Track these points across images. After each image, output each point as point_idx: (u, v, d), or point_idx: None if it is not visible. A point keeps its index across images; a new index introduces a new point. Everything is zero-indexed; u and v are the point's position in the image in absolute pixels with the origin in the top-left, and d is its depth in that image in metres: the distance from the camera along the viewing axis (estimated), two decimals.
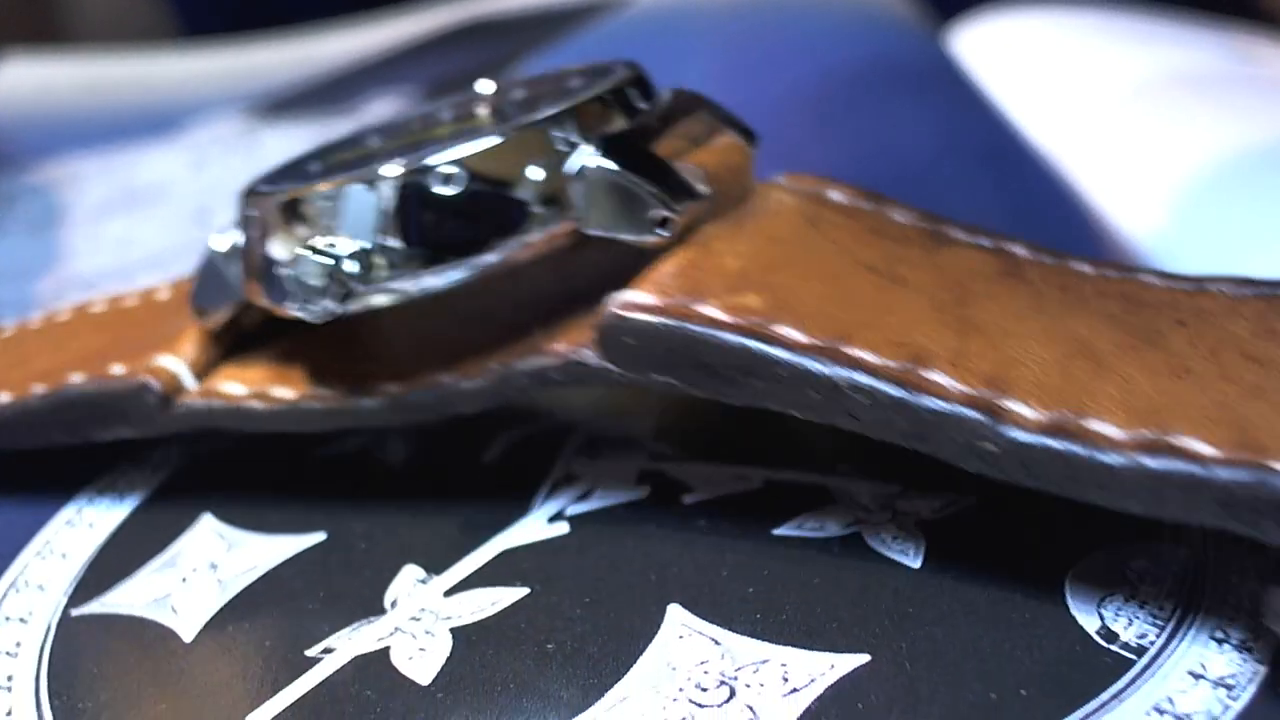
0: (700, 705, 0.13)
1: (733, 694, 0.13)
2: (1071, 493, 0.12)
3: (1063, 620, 0.14)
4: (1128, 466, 0.12)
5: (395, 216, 0.14)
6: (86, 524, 0.18)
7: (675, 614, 0.14)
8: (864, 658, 0.13)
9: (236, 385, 0.17)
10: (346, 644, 0.15)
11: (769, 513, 0.16)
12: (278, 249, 0.15)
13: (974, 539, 0.15)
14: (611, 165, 0.14)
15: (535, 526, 0.16)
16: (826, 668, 0.13)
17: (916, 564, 0.15)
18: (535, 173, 0.14)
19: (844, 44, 0.37)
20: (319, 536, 0.17)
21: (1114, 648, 0.13)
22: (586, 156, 0.14)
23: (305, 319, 0.15)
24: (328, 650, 0.14)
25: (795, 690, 0.13)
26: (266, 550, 0.17)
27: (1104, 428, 0.12)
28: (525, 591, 0.15)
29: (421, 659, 0.14)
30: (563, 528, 0.16)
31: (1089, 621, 0.13)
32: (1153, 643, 0.13)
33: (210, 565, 0.16)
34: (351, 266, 0.14)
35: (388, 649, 0.14)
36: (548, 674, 0.14)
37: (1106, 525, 0.15)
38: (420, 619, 0.15)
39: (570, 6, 0.44)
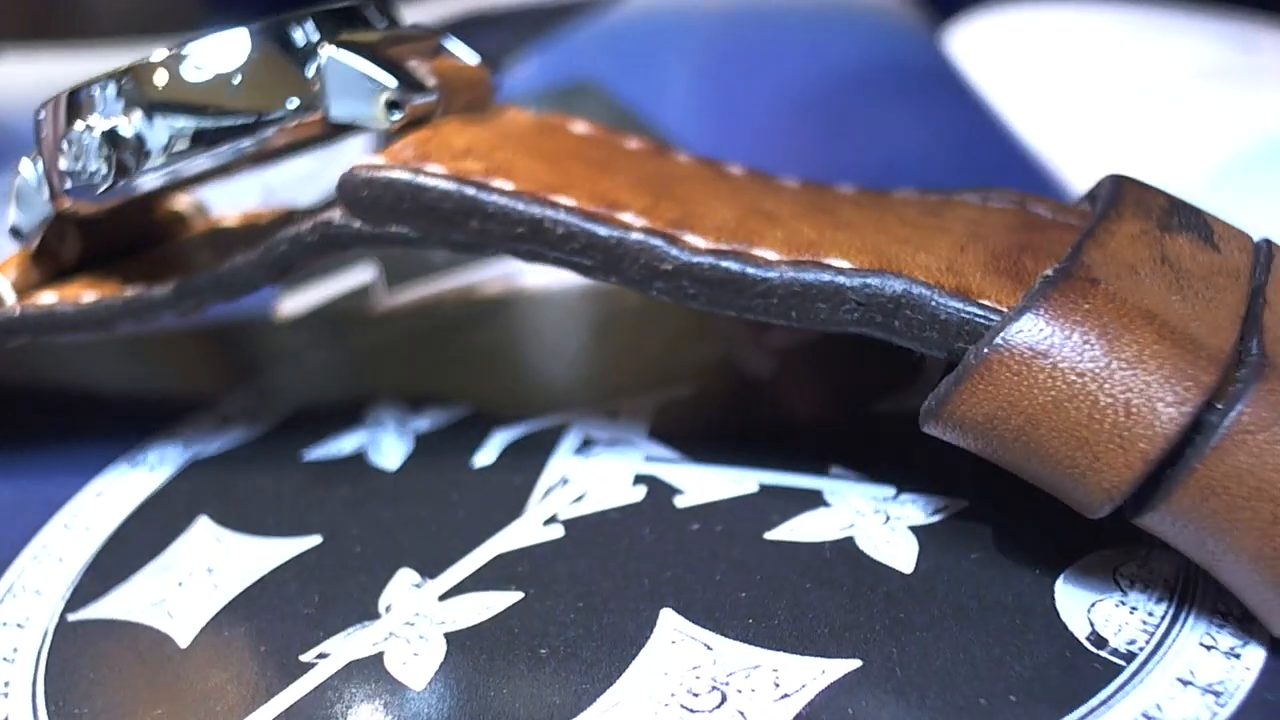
0: (692, 710, 0.13)
1: (724, 699, 0.13)
2: (739, 307, 0.15)
3: (1053, 626, 0.14)
4: (782, 279, 0.15)
5: (159, 103, 0.16)
6: (83, 527, 0.18)
7: (668, 619, 0.14)
8: (855, 663, 0.13)
9: (50, 295, 0.19)
10: (341, 649, 0.15)
11: (762, 517, 0.16)
12: (63, 144, 0.17)
13: (966, 545, 0.15)
14: (348, 57, 0.17)
15: (529, 529, 0.16)
16: (818, 673, 0.13)
17: (909, 569, 0.15)
18: (282, 66, 0.17)
19: (842, 44, 0.37)
20: (314, 540, 0.17)
21: (1103, 654, 0.13)
22: (327, 50, 0.17)
23: (87, 203, 0.17)
24: (322, 655, 0.15)
25: (786, 696, 0.13)
26: (262, 554, 0.17)
27: (765, 253, 0.15)
28: (519, 596, 0.15)
29: (416, 664, 0.14)
30: (557, 531, 0.16)
31: (1079, 627, 0.14)
32: (1142, 649, 0.13)
33: (206, 569, 0.17)
34: (128, 141, 0.17)
35: (382, 654, 0.14)
36: (541, 679, 0.14)
37: (1097, 533, 0.15)
38: (415, 624, 0.15)
39: (567, 2, 0.44)
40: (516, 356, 0.21)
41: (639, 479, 0.17)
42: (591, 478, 0.17)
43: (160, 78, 0.16)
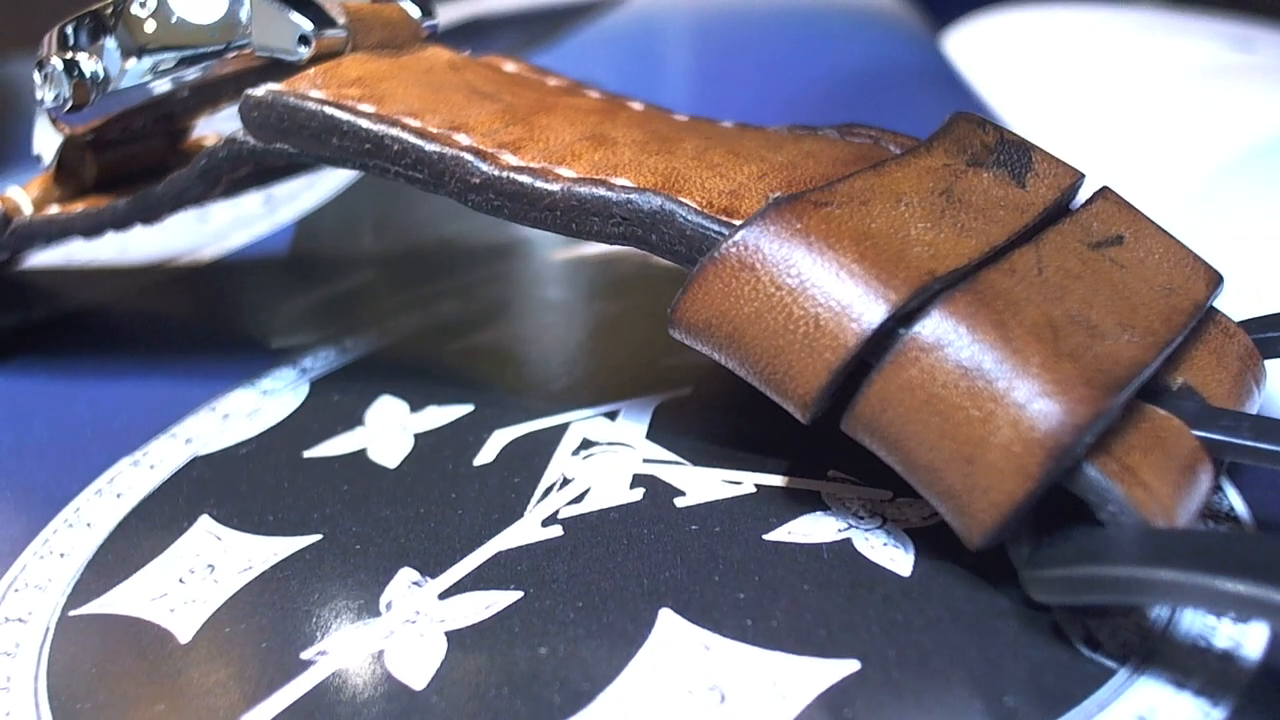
0: (690, 710, 0.13)
1: (723, 699, 0.13)
2: (533, 219, 0.17)
3: (1048, 628, 0.14)
4: (563, 193, 0.16)
5: (117, 37, 0.20)
6: (85, 524, 0.18)
7: (667, 619, 0.14)
8: (853, 664, 0.13)
9: (55, 208, 0.22)
10: (341, 646, 0.15)
11: (760, 518, 0.16)
12: (40, 74, 0.20)
13: (962, 547, 0.15)
14: None
15: (529, 529, 0.16)
16: (815, 674, 0.13)
17: (906, 571, 0.15)
18: (220, 7, 0.19)
19: (842, 45, 0.37)
20: (315, 538, 0.17)
21: (1098, 656, 0.13)
22: None
23: (71, 124, 0.21)
24: (323, 652, 0.15)
25: (784, 696, 0.13)
26: (263, 551, 0.17)
27: (563, 170, 0.17)
28: (519, 595, 0.15)
29: (416, 662, 0.14)
30: (556, 531, 0.16)
31: (1074, 630, 0.14)
32: (1136, 652, 0.13)
33: (207, 566, 0.17)
34: (88, 71, 0.20)
35: (382, 652, 0.14)
36: (541, 678, 0.14)
37: None
38: (415, 622, 0.15)
39: (570, 4, 0.44)
40: (516, 357, 0.21)
41: (638, 480, 0.17)
42: (591, 478, 0.17)
43: (123, 17, 0.20)
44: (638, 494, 0.17)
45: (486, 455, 0.18)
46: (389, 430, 0.19)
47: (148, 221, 0.21)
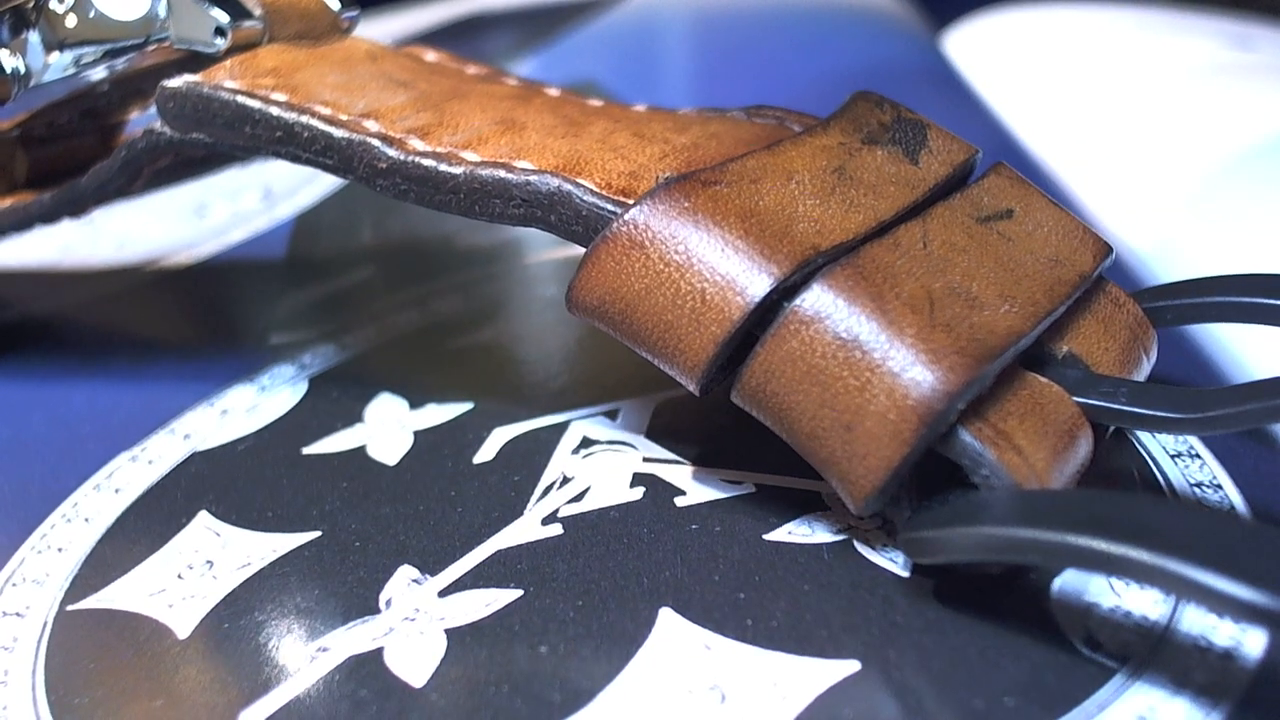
0: (690, 710, 0.13)
1: (723, 699, 0.13)
2: (438, 202, 0.17)
3: (1048, 629, 0.14)
4: (466, 176, 0.17)
5: (39, 32, 0.20)
6: (83, 518, 0.18)
7: (667, 618, 0.14)
8: (853, 665, 0.13)
9: None
10: (341, 643, 0.15)
11: (761, 518, 0.16)
12: None
13: None
14: None
15: (529, 527, 0.16)
16: (816, 674, 0.13)
17: (906, 572, 0.15)
18: (139, 1, 0.20)
19: (842, 45, 0.37)
20: (314, 534, 0.17)
21: (1098, 656, 0.13)
22: None
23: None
24: (322, 649, 0.15)
25: (785, 697, 0.13)
26: (262, 547, 0.17)
27: (468, 155, 0.17)
28: (519, 593, 0.15)
29: (416, 660, 0.14)
30: (556, 529, 0.16)
31: (1074, 630, 0.14)
32: (1137, 651, 0.13)
33: (206, 562, 0.17)
34: (9, 67, 0.20)
35: (382, 649, 0.14)
36: (541, 676, 0.14)
37: None
38: (415, 619, 0.15)
39: (569, 2, 0.44)
40: (516, 355, 0.21)
41: (638, 479, 0.17)
42: (591, 477, 0.17)
43: (43, 13, 0.20)
44: (638, 493, 0.17)
45: (486, 453, 0.18)
46: (388, 427, 0.19)
47: (75, 214, 0.21)
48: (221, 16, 0.19)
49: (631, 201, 0.15)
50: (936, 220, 0.16)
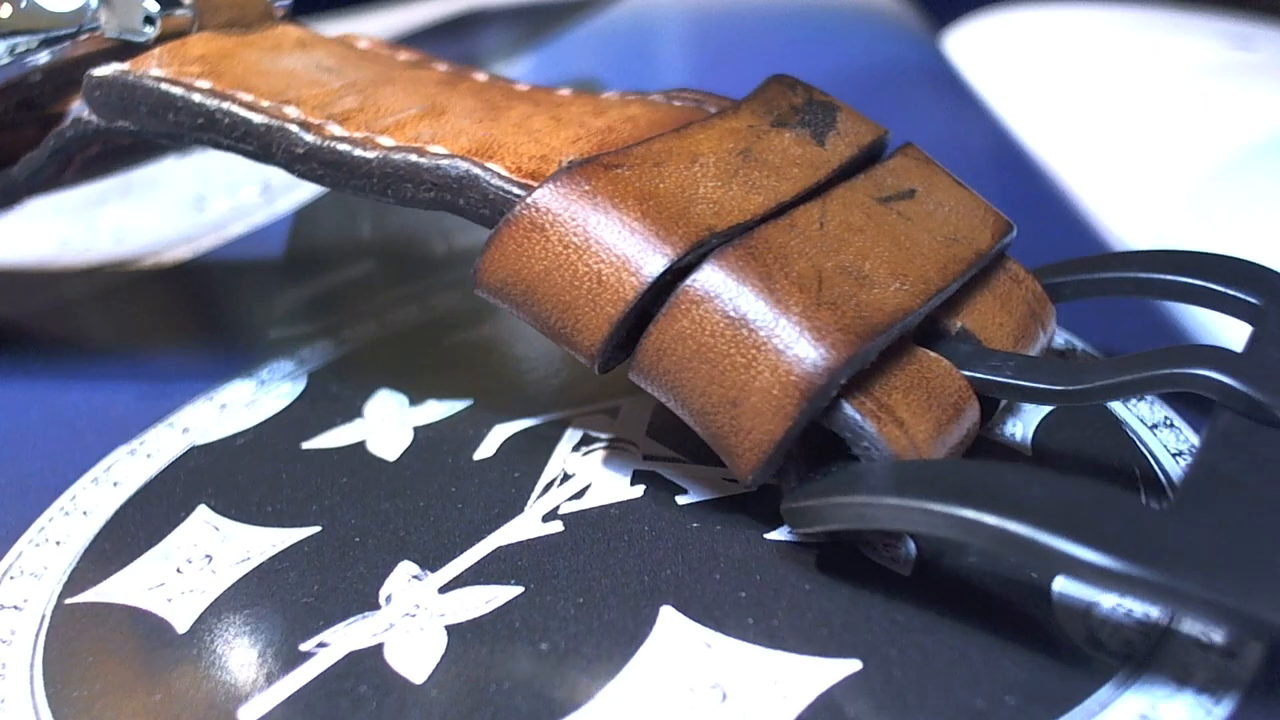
0: (691, 708, 0.13)
1: (724, 698, 0.13)
2: (354, 186, 0.17)
3: (1050, 628, 0.14)
4: (379, 160, 0.17)
5: None
6: (81, 511, 0.18)
7: (668, 616, 0.14)
8: (854, 664, 0.13)
9: None
10: (341, 639, 0.15)
11: (762, 517, 0.16)
12: None
13: (963, 547, 0.15)
14: None
15: (529, 524, 0.16)
16: (817, 673, 0.13)
17: (907, 571, 0.15)
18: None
19: (842, 44, 0.37)
20: (314, 529, 0.17)
21: (1099, 655, 0.13)
22: None
23: None
24: (322, 645, 0.15)
25: (786, 695, 0.13)
26: (261, 542, 0.17)
27: (384, 140, 0.17)
28: (520, 590, 0.15)
29: (416, 656, 0.14)
30: (556, 526, 0.16)
31: (1075, 629, 0.14)
32: (1138, 650, 0.13)
33: (205, 556, 0.17)
34: None
35: (382, 645, 0.14)
36: (541, 674, 0.14)
37: None
38: (415, 615, 0.15)
39: (566, 1, 0.44)
40: (517, 351, 0.21)
41: (639, 476, 0.17)
42: (592, 474, 0.17)
43: None
44: (639, 491, 0.17)
45: (487, 449, 0.18)
46: (388, 423, 0.19)
47: (6, 204, 0.22)
48: (151, 5, 0.20)
49: (537, 185, 0.16)
50: (836, 201, 0.16)
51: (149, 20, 0.20)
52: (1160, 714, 0.13)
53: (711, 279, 0.15)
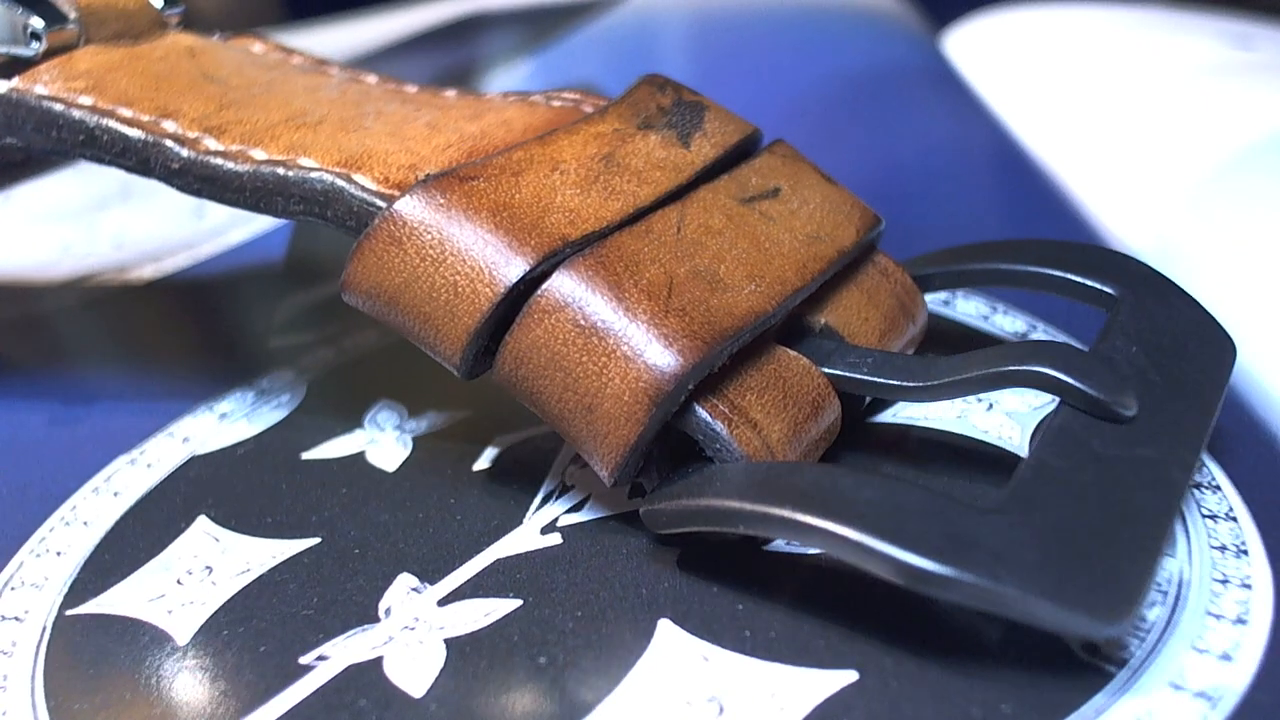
0: None
1: (721, 710, 0.13)
2: (228, 199, 0.17)
3: (1046, 634, 0.14)
4: (250, 174, 0.17)
5: None
6: (82, 522, 0.18)
7: (666, 629, 0.14)
8: (851, 675, 0.13)
9: None
10: (340, 652, 0.15)
11: None
12: None
13: None
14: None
15: (528, 536, 0.16)
16: (814, 685, 0.13)
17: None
18: None
19: (842, 45, 0.37)
20: (313, 541, 0.17)
21: (1096, 660, 0.13)
22: None
23: None
24: (322, 658, 0.15)
25: (783, 708, 0.13)
26: (261, 553, 0.17)
27: (257, 153, 0.17)
28: (518, 603, 0.15)
29: (415, 670, 0.14)
30: (555, 539, 0.16)
31: (1071, 636, 0.14)
32: (1134, 655, 0.13)
33: (205, 568, 0.17)
34: None
35: (381, 659, 0.14)
36: (540, 688, 0.14)
37: None
38: (414, 628, 0.15)
39: (569, 3, 0.44)
40: None
41: (636, 489, 0.17)
42: (589, 486, 0.17)
43: None
44: (636, 503, 0.17)
45: (485, 461, 0.18)
46: (387, 434, 0.19)
47: None
48: (36, 21, 0.20)
49: (399, 195, 0.16)
50: (696, 204, 0.17)
51: (35, 36, 0.20)
52: (1157, 718, 0.13)
53: (563, 288, 0.15)
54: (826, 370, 0.16)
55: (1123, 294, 0.17)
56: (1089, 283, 0.18)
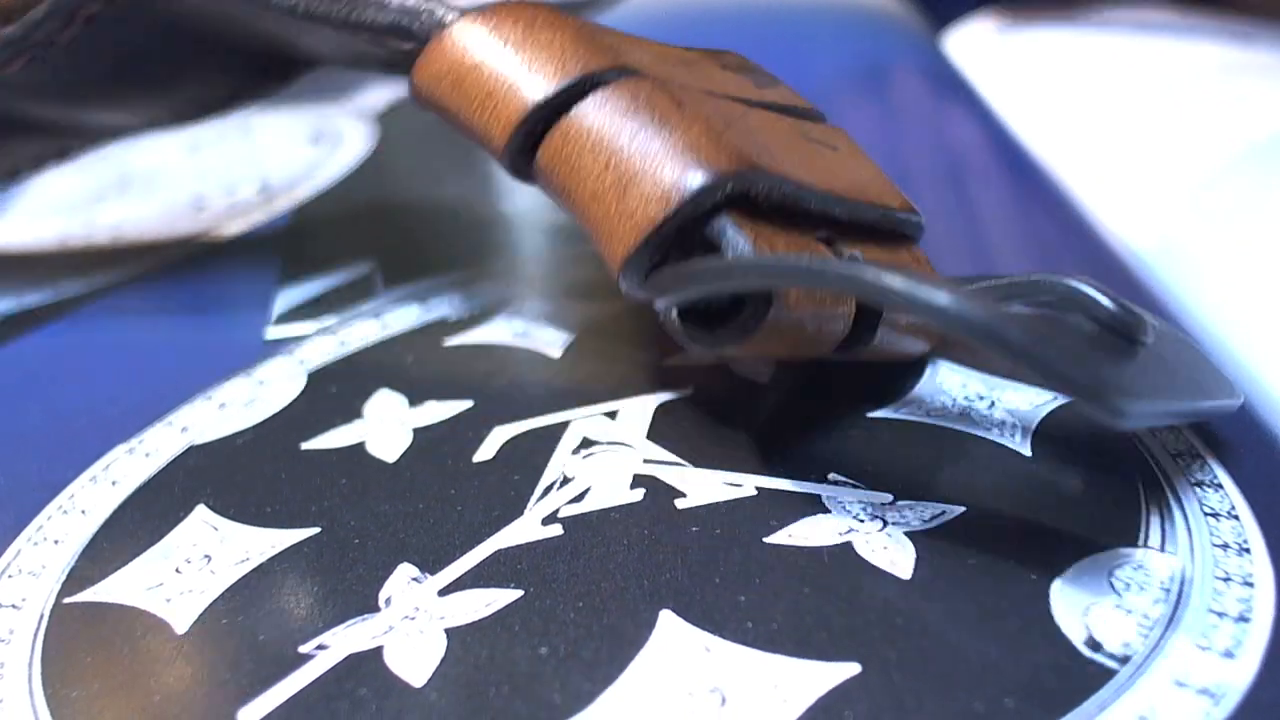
0: (691, 713, 0.13)
1: (723, 701, 0.13)
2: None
3: (1048, 630, 0.14)
4: None
5: None
6: (80, 510, 0.18)
7: (667, 620, 0.14)
8: (854, 667, 0.13)
9: None
10: (340, 641, 0.15)
11: (761, 521, 0.16)
12: None
13: (962, 551, 0.15)
14: None
15: (529, 527, 0.16)
16: (816, 677, 0.13)
17: (906, 575, 0.15)
18: None
19: (842, 45, 0.37)
20: (313, 530, 0.17)
21: (1098, 657, 0.13)
22: None
23: None
24: (321, 647, 0.15)
25: (785, 699, 0.13)
26: (260, 543, 0.17)
27: None
28: (519, 593, 0.15)
29: (415, 659, 0.14)
30: (556, 530, 0.16)
31: (1074, 631, 0.14)
32: (1137, 651, 0.13)
33: (204, 556, 0.17)
34: None
35: (381, 648, 0.14)
36: (541, 678, 0.14)
37: (1092, 534, 0.15)
38: (415, 618, 0.15)
39: (568, 3, 0.43)
40: (516, 353, 0.21)
41: (638, 480, 0.17)
42: (591, 477, 0.17)
43: None
44: (638, 494, 0.17)
45: (486, 452, 0.18)
46: (387, 424, 0.19)
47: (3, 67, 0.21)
48: None
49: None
50: (760, 114, 0.18)
51: None
52: (1159, 716, 0.13)
53: (631, 87, 0.16)
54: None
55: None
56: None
